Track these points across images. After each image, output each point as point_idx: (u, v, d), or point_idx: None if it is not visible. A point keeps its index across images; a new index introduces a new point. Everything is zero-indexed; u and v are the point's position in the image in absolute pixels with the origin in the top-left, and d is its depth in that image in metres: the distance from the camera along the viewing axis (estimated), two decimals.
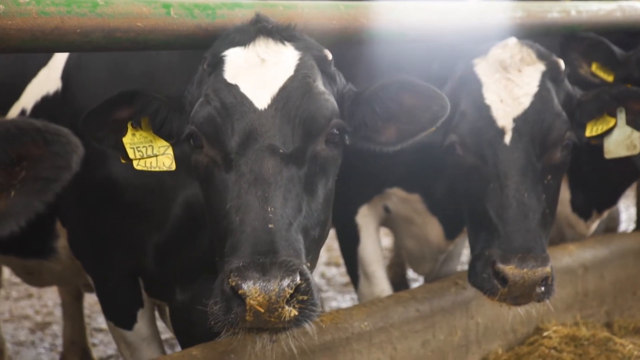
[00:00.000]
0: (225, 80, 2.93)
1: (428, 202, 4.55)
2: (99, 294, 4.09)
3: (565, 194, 4.95)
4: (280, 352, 3.55)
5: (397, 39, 3.74)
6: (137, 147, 3.09)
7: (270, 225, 2.66)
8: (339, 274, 8.52)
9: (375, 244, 4.75)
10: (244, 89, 2.90)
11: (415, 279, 7.57)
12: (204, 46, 3.12)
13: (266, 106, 2.86)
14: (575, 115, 3.89)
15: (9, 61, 4.29)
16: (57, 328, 7.14)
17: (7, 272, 6.84)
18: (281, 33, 3.06)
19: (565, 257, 4.81)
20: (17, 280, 6.54)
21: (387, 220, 4.87)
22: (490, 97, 3.77)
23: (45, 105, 3.95)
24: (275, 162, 2.79)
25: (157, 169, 3.13)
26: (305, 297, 2.60)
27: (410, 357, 4.08)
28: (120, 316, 4.01)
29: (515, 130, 3.69)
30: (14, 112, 4.10)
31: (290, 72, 2.95)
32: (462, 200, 3.93)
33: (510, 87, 3.76)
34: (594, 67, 4.37)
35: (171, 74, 3.56)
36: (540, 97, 3.75)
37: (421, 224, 4.68)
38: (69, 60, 3.93)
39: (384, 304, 4.08)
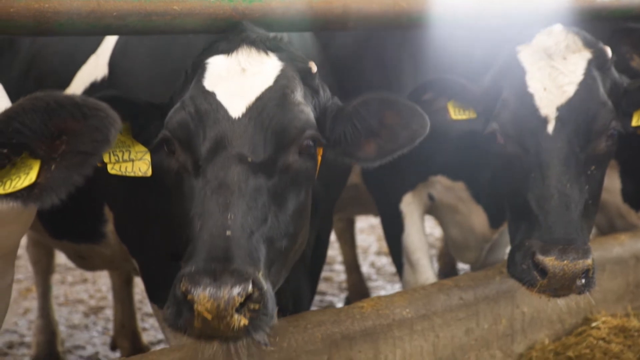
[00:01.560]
0: (203, 87, 2.94)
1: (473, 190, 4.52)
2: (143, 277, 4.15)
3: (616, 183, 4.87)
4: (320, 337, 3.59)
5: (439, 24, 3.69)
6: (112, 151, 3.08)
7: (227, 233, 2.64)
8: (389, 263, 8.51)
9: (420, 232, 4.73)
10: (221, 96, 2.90)
11: (466, 270, 7.50)
12: None
13: (240, 115, 2.86)
14: (622, 104, 3.79)
15: (61, 48, 4.36)
16: (109, 312, 7.26)
17: (63, 257, 6.98)
18: (265, 43, 3.06)
19: (616, 248, 4.72)
20: (72, 265, 6.66)
21: (432, 209, 4.84)
22: (534, 85, 3.68)
23: (93, 91, 4.00)
24: (242, 171, 2.78)
25: (132, 174, 3.13)
26: (257, 307, 2.57)
27: (453, 345, 4.05)
28: (164, 299, 4.05)
29: (558, 119, 3.60)
30: None
31: (269, 82, 2.95)
32: (503, 190, 3.87)
33: (555, 75, 3.67)
34: None
35: None
36: (586, 85, 3.65)
37: (466, 212, 4.64)
38: (116, 46, 3.99)
39: (426, 292, 4.05)
